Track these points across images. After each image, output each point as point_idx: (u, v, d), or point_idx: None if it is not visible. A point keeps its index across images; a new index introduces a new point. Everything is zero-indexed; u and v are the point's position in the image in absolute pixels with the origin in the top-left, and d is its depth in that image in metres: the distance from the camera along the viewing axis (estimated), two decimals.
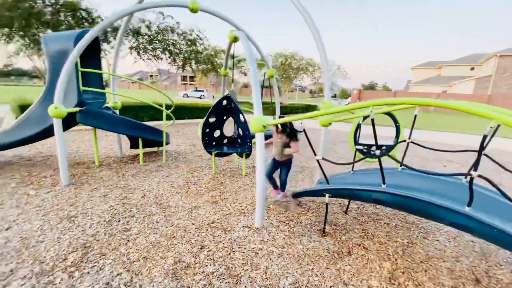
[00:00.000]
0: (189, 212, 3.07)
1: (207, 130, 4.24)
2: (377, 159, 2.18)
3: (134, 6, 3.92)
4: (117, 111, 4.97)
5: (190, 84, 72.72)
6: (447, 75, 35.69)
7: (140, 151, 4.74)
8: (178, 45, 11.81)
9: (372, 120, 2.07)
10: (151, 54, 11.69)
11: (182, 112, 11.10)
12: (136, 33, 10.24)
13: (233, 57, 5.17)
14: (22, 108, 8.55)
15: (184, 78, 75.45)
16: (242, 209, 3.20)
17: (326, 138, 3.71)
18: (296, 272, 2.12)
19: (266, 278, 2.04)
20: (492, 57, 26.78)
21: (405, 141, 3.08)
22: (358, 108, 2.10)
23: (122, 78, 5.02)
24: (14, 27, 7.15)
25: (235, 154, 4.73)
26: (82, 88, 3.85)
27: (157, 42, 11.18)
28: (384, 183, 2.22)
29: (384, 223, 3.03)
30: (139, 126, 4.67)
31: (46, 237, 2.43)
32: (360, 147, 3.55)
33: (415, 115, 2.81)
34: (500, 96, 24.06)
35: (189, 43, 11.81)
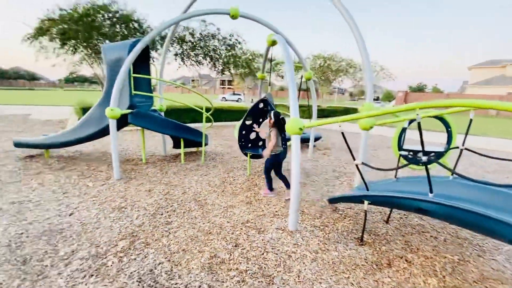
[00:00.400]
0: (224, 210, 3.19)
1: (243, 132, 4.36)
2: (423, 167, 2.03)
3: (180, 16, 4.23)
4: (162, 113, 5.37)
5: (228, 88, 75.18)
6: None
7: (182, 150, 5.06)
8: (218, 51, 12.30)
9: (419, 123, 1.93)
10: (193, 60, 12.35)
11: (220, 114, 11.53)
12: (181, 40, 10.92)
13: (271, 60, 5.24)
14: (84, 110, 9.68)
15: (222, 82, 78.19)
16: (276, 211, 3.21)
17: (366, 142, 3.54)
18: (331, 279, 2.06)
19: (299, 281, 2.02)
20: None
21: (458, 147, 2.80)
22: (403, 111, 1.98)
23: (168, 83, 5.43)
24: (79, 39, 8.15)
25: None
26: (133, 92, 4.26)
27: (199, 48, 11.79)
28: (431, 192, 2.05)
29: (431, 236, 2.78)
30: (182, 128, 4.99)
31: (101, 224, 2.74)
32: (405, 153, 3.31)
33: (471, 119, 2.54)
34: None
35: (228, 48, 12.24)
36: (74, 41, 8.79)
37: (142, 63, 4.65)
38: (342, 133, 2.43)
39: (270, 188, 3.68)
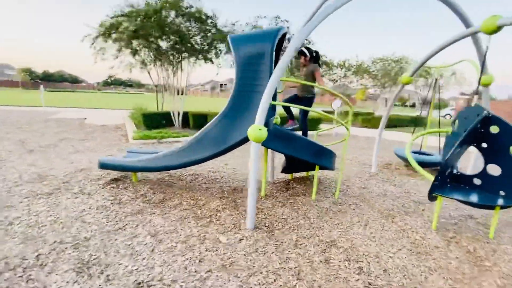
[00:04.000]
0: None
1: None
2: None
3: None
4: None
5: None
6: None
7: (315, 183, 3.61)
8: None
9: None
10: None
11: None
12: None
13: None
14: (146, 117, 8.83)
15: None
16: None
17: None
18: None
19: None
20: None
21: None
22: None
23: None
24: (150, 36, 7.26)
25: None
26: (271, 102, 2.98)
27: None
28: None
29: None
30: (321, 151, 3.58)
31: None
32: None
33: None
34: None
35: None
36: (141, 40, 7.97)
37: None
38: None
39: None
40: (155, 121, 8.99)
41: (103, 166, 3.70)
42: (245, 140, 3.06)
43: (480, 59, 3.78)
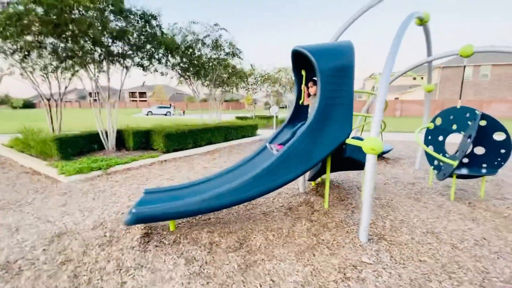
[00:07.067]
0: None
1: None
2: None
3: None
4: None
5: (141, 100, 67.29)
6: (400, 84, 40.42)
7: (326, 191, 3.86)
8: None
9: None
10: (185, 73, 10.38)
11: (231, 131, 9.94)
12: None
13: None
14: (64, 141, 6.46)
15: (132, 94, 70.22)
16: None
17: None
18: None
19: None
20: (436, 68, 31.97)
21: None
22: None
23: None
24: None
25: None
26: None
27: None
28: None
29: None
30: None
31: None
32: None
33: None
34: (447, 100, 28.66)
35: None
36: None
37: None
38: None
39: None
40: (78, 146, 6.71)
41: (138, 218, 2.60)
42: (328, 154, 3.00)
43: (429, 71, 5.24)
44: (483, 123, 3.84)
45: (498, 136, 3.85)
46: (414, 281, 2.13)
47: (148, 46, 7.37)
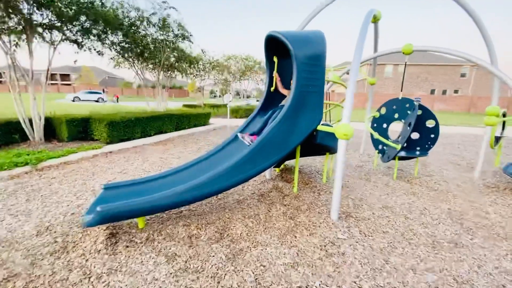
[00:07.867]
0: None
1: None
2: None
3: None
4: None
5: (63, 84, 57.52)
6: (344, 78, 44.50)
7: (296, 176, 4.12)
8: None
9: None
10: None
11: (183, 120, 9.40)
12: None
13: None
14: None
15: (52, 76, 60.01)
16: None
17: None
18: None
19: None
20: (365, 65, 36.22)
21: None
22: None
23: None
24: None
25: None
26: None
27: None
28: None
29: None
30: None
31: None
32: None
33: None
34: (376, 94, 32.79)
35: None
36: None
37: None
38: None
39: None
40: None
41: (104, 218, 2.26)
42: (303, 140, 3.12)
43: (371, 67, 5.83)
44: (419, 112, 4.52)
45: (430, 124, 4.59)
46: (384, 250, 2.43)
47: (83, 18, 6.27)
